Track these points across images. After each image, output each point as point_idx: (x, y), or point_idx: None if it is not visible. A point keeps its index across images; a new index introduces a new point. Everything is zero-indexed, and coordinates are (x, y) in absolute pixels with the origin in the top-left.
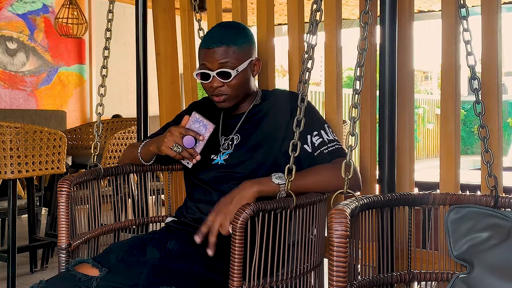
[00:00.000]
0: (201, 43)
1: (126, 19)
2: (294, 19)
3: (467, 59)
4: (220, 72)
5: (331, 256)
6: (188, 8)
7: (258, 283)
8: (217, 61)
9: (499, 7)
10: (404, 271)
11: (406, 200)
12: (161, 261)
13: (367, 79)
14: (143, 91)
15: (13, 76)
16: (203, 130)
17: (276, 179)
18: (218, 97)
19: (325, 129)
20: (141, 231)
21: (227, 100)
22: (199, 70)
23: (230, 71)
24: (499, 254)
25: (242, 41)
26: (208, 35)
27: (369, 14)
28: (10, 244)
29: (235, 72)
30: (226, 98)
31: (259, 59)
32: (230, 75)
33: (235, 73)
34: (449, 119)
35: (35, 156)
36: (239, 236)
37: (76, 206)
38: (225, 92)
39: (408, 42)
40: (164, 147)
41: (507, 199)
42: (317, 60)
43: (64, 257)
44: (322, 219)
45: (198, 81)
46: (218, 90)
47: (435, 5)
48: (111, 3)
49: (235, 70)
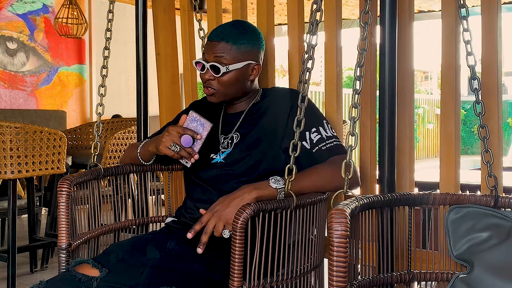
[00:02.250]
0: (208, 35)
1: (126, 19)
2: (294, 19)
3: (467, 59)
4: (213, 65)
5: (331, 256)
6: (188, 8)
7: (259, 283)
8: (213, 54)
9: (499, 7)
10: (404, 271)
11: (406, 200)
12: (161, 261)
13: (367, 79)
14: (143, 91)
15: (13, 76)
16: (201, 129)
17: (274, 183)
18: (207, 89)
19: (323, 125)
20: (141, 231)
21: (215, 95)
22: (198, 59)
23: (220, 67)
24: (499, 254)
25: (243, 42)
26: (215, 29)
27: (369, 14)
28: (10, 244)
29: (224, 69)
30: (214, 92)
31: (259, 65)
32: (219, 71)
33: (224, 69)
34: (449, 119)
35: (35, 156)
36: (239, 236)
37: (76, 206)
38: (213, 86)
39: (408, 42)
40: (162, 146)
41: (507, 199)
42: (317, 60)
43: (64, 257)
44: (322, 219)
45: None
46: (208, 82)
47: (435, 5)
48: (111, 3)
49: (225, 67)
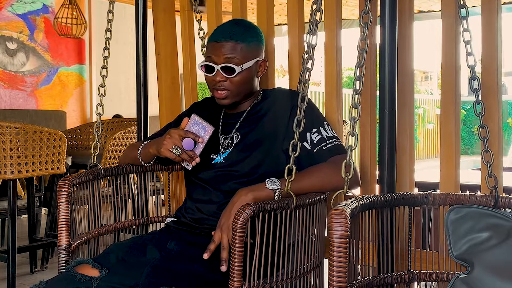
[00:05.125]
0: (210, 36)
1: (126, 19)
2: (294, 19)
3: (467, 59)
4: (225, 67)
5: (331, 256)
6: (188, 8)
7: (258, 283)
8: (223, 55)
9: (499, 7)
10: (404, 271)
11: (406, 200)
12: (161, 261)
13: (367, 79)
14: (143, 91)
15: (13, 76)
16: (203, 132)
17: (270, 184)
18: (219, 92)
19: (324, 126)
20: (141, 231)
21: (228, 97)
22: (204, 62)
23: (234, 67)
24: (499, 254)
25: (251, 40)
26: (218, 29)
27: (369, 14)
28: (10, 244)
29: (239, 69)
30: (227, 94)
31: (265, 61)
32: (234, 71)
33: (239, 69)
34: (449, 119)
35: (35, 156)
36: (239, 236)
37: (76, 206)
38: (227, 87)
39: (408, 42)
40: (164, 149)
41: (507, 199)
42: (317, 60)
43: (64, 257)
44: (322, 219)
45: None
46: (220, 84)
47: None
48: (111, 3)
49: (239, 67)
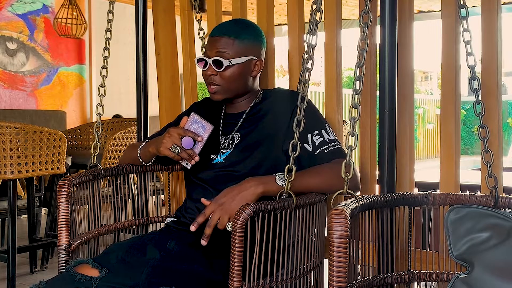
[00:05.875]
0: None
1: (126, 19)
2: (294, 19)
3: (467, 59)
4: (215, 60)
5: (331, 256)
6: (188, 8)
7: (258, 283)
8: (215, 49)
9: (499, 7)
10: (404, 271)
11: (406, 200)
12: (161, 261)
13: (367, 79)
14: (143, 91)
15: (13, 76)
16: (202, 131)
17: (281, 180)
18: (211, 87)
19: (326, 128)
20: (141, 231)
21: (219, 92)
22: (199, 56)
23: (222, 61)
24: (499, 254)
25: (245, 37)
26: (217, 26)
27: (369, 14)
28: (10, 244)
29: (227, 62)
30: (217, 89)
31: (262, 61)
32: (222, 65)
33: (227, 63)
34: (449, 119)
35: (35, 156)
36: (239, 236)
37: (76, 206)
38: (217, 82)
39: (408, 42)
40: (163, 148)
41: (507, 199)
42: (317, 60)
43: (64, 257)
44: (322, 219)
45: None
46: (211, 78)
47: (435, 5)
48: (111, 3)
49: (228, 61)
